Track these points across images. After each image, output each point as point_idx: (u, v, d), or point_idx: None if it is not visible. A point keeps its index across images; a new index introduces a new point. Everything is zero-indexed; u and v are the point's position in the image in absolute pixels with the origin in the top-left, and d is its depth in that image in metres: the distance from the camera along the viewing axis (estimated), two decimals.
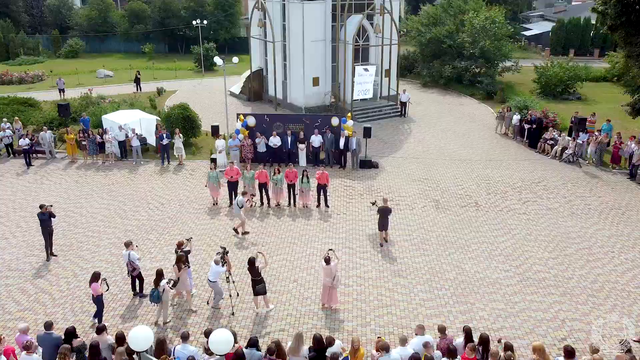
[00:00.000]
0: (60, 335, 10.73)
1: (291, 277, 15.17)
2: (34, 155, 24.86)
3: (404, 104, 32.25)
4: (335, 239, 17.51)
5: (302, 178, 19.49)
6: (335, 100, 32.02)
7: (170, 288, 13.15)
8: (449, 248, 16.92)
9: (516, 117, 27.87)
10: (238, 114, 24.31)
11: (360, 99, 31.55)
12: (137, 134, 24.31)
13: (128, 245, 14.09)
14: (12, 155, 25.28)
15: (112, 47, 59.64)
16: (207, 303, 13.88)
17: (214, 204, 20.09)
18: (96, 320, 12.87)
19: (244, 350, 9.70)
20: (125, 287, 14.57)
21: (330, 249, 13.82)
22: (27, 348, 9.88)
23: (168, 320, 13.19)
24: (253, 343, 10.08)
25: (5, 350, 10.31)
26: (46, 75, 44.60)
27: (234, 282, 13.71)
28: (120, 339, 10.08)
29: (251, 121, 23.84)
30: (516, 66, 38.96)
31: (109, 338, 10.45)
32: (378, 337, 11.34)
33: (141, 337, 8.22)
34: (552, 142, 25.48)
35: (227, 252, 13.73)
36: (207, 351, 9.93)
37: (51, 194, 21.05)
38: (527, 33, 57.11)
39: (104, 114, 26.48)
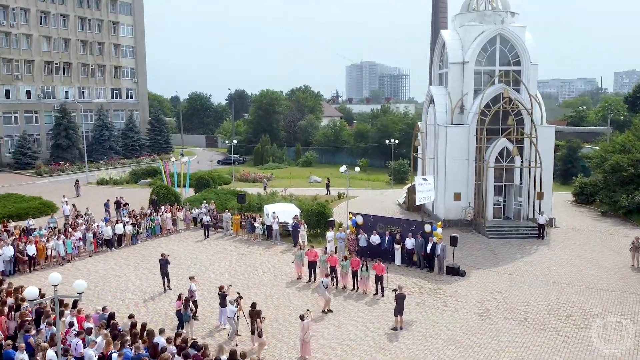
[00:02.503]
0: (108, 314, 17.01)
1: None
2: (214, 229, 33.67)
3: (541, 226, 32.07)
4: (357, 322, 20.37)
5: (362, 267, 22.97)
6: (473, 216, 33.90)
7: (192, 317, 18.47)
8: (451, 346, 18.13)
9: None
10: (350, 213, 29.07)
11: (493, 218, 32.88)
12: (278, 221, 31.04)
13: (192, 278, 20.11)
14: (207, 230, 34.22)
15: (340, 160, 70.80)
16: (228, 335, 18.65)
17: (297, 278, 24.87)
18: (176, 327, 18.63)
19: None
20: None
21: (308, 309, 17.30)
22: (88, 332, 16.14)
23: (195, 338, 18.36)
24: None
25: (79, 318, 16.96)
26: (273, 177, 56.56)
27: (238, 318, 18.23)
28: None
29: (359, 219, 28.33)
30: None
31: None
32: None
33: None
34: None
35: (241, 297, 18.48)
36: None
37: (202, 254, 28.88)
38: None
39: (266, 204, 34.21)
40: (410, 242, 26.65)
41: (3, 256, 24.72)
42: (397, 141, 54.50)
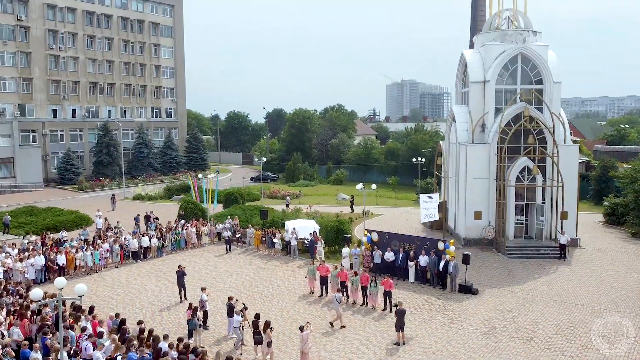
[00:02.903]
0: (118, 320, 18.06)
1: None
2: (237, 243, 34.70)
3: (563, 246, 31.61)
4: (360, 336, 20.77)
5: (371, 282, 23.38)
6: (494, 235, 33.73)
7: (201, 326, 19.31)
8: None
9: None
10: (366, 229, 29.52)
11: (515, 237, 32.69)
12: (296, 237, 31.77)
13: (203, 289, 21.03)
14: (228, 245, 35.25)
15: (370, 178, 71.10)
16: (234, 344, 19.41)
17: (310, 293, 25.45)
18: (186, 335, 19.58)
19: None
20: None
21: (307, 322, 17.87)
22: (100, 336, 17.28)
23: (202, 346, 19.17)
24: None
25: (94, 323, 18.08)
26: (302, 194, 57.48)
27: (243, 327, 18.95)
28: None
29: (374, 236, 28.75)
30: None
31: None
32: None
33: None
34: None
35: (246, 308, 19.23)
36: None
37: (222, 267, 29.87)
38: None
39: (288, 220, 35.04)
40: (423, 260, 26.87)
41: (35, 265, 26.36)
42: (424, 159, 54.58)
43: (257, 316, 18.53)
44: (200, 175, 46.16)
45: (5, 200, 54.08)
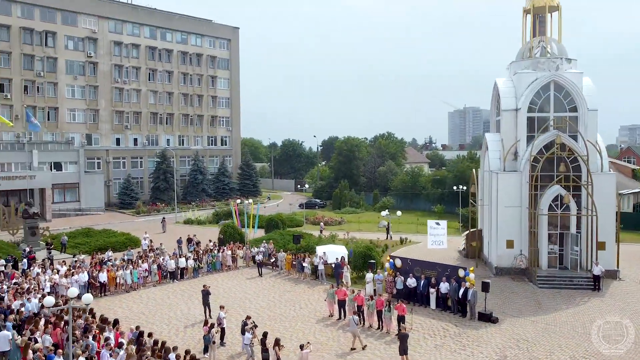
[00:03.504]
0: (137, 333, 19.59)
1: None
2: (271, 267, 35.98)
3: (597, 277, 30.68)
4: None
5: (386, 307, 23.87)
6: (525, 264, 33.21)
7: (214, 342, 20.51)
8: None
9: None
10: (390, 255, 29.99)
11: (548, 267, 32.10)
12: (323, 261, 32.63)
13: (221, 307, 22.34)
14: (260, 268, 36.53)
15: (417, 206, 71.10)
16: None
17: (329, 315, 26.18)
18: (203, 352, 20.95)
19: None
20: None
21: (308, 342, 18.67)
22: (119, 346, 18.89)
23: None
24: None
25: (117, 334, 19.71)
26: (345, 221, 58.34)
27: (253, 344, 19.98)
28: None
29: (398, 263, 29.19)
30: None
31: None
32: None
33: None
34: None
35: (256, 327, 20.29)
36: None
37: (251, 289, 31.14)
38: None
39: (319, 246, 35.98)
40: (444, 287, 27.02)
41: (79, 281, 28.67)
42: (464, 187, 54.17)
43: (265, 335, 19.52)
44: (238, 201, 48.06)
45: (68, 222, 58.27)
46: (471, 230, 39.90)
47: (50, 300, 15.97)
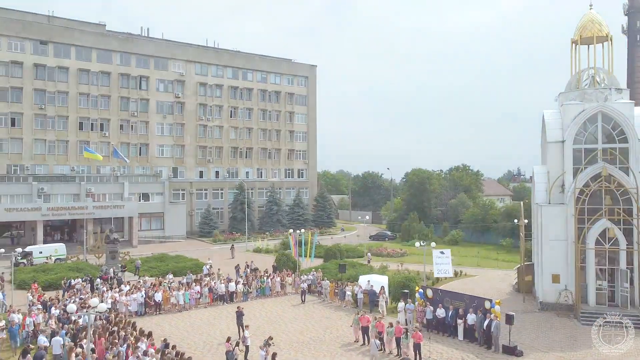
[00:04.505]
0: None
1: None
2: (318, 295, 37.60)
3: None
4: None
5: (404, 334, 24.64)
6: (570, 300, 32.17)
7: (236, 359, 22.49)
8: None
9: None
10: (419, 286, 30.54)
11: (596, 304, 30.97)
12: (362, 290, 33.73)
13: (246, 327, 24.36)
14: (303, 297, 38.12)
15: (487, 239, 69.44)
16: None
17: (355, 341, 27.27)
18: None
19: None
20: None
21: None
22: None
23: None
24: None
25: (149, 345, 22.31)
26: (407, 253, 58.61)
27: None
28: None
29: (429, 293, 29.71)
30: None
31: None
32: None
33: None
34: None
35: (269, 345, 22.00)
36: None
37: (290, 314, 32.90)
38: None
39: (363, 275, 37.09)
40: (471, 318, 27.18)
41: (137, 300, 32.07)
42: (527, 220, 52.47)
43: (274, 356, 21.15)
44: (291, 231, 50.18)
45: (151, 248, 63.65)
46: (524, 264, 39.09)
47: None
